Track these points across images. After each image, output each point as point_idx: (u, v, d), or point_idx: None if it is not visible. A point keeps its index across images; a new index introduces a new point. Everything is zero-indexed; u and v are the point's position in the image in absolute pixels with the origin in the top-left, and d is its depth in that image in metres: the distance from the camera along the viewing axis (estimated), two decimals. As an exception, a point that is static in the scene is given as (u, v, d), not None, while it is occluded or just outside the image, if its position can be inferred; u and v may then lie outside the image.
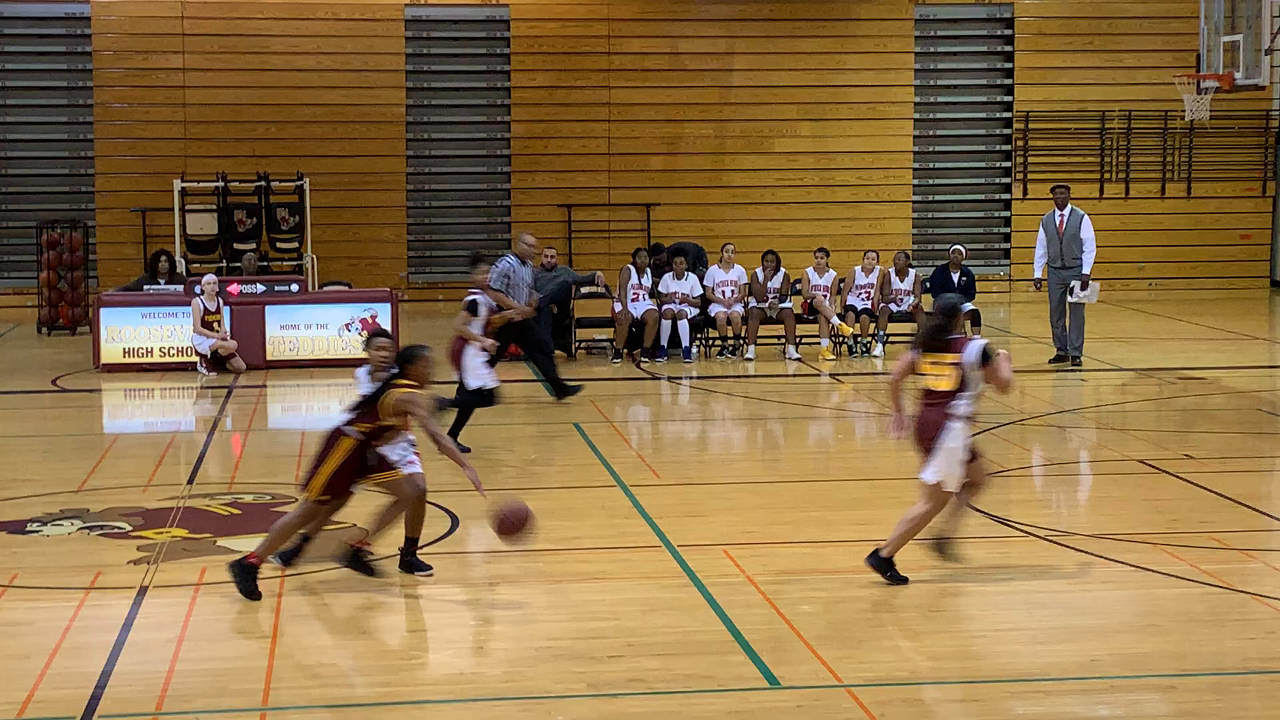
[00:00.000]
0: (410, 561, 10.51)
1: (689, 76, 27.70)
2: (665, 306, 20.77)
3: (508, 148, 27.72)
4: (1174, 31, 27.07)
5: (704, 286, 20.99)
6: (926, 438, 10.11)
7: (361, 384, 10.90)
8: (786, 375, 19.66)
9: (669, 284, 20.95)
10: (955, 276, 21.11)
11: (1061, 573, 10.67)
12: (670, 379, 19.56)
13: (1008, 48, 28.27)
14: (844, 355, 21.00)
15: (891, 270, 21.36)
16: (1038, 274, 20.07)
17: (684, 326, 20.72)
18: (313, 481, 10.17)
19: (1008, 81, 28.31)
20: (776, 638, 9.25)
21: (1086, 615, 9.88)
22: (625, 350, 20.70)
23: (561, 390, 17.44)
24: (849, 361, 20.65)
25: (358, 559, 10.36)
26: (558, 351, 20.26)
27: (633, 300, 20.78)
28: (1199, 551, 11.09)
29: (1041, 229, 20.26)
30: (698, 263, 21.83)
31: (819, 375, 19.71)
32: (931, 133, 28.43)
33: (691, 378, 19.60)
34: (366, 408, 10.18)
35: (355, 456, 10.12)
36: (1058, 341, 19.85)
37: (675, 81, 27.65)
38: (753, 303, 21.02)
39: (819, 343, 21.00)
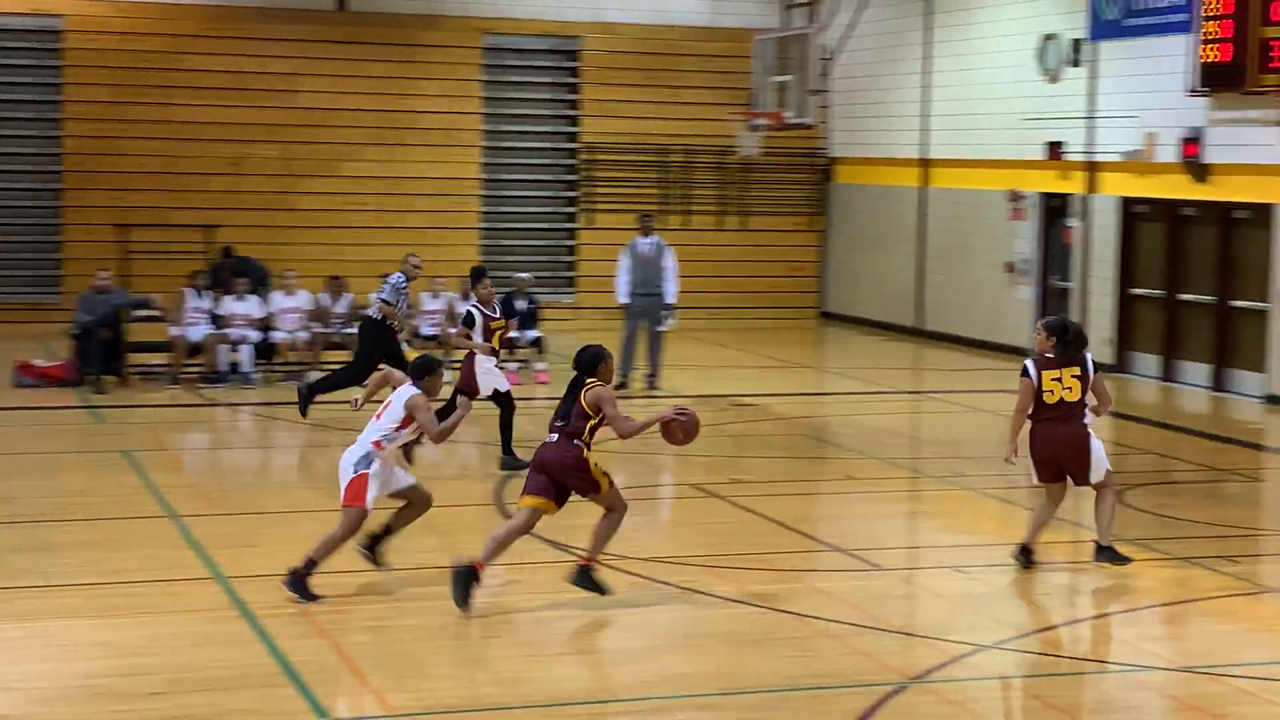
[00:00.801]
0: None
1: (254, 96, 27.15)
2: (225, 330, 20.25)
3: (60, 164, 26.60)
4: (730, 70, 28.04)
5: (268, 311, 20.56)
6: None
7: None
8: (350, 402, 19.38)
9: (230, 306, 20.44)
10: (521, 304, 21.30)
11: (615, 596, 10.84)
12: (230, 405, 19.08)
13: (573, 80, 28.78)
14: (409, 381, 20.88)
15: (457, 296, 21.40)
16: (623, 299, 20.52)
17: (246, 351, 20.25)
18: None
19: (573, 113, 28.81)
20: (329, 669, 9.10)
21: (637, 637, 10.07)
22: (183, 375, 20.08)
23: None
24: (414, 387, 20.55)
25: (587, 577, 10.59)
26: (109, 377, 19.54)
27: (191, 324, 20.18)
28: (745, 573, 11.47)
29: (626, 255, 20.72)
30: (260, 285, 21.38)
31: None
32: (500, 160, 28.65)
33: (253, 404, 19.16)
34: None
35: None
36: (622, 369, 20.26)
37: (239, 101, 27.06)
38: (317, 328, 20.72)
39: (384, 369, 20.82)
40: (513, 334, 21.10)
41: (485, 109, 28.30)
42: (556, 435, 10.62)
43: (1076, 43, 23.14)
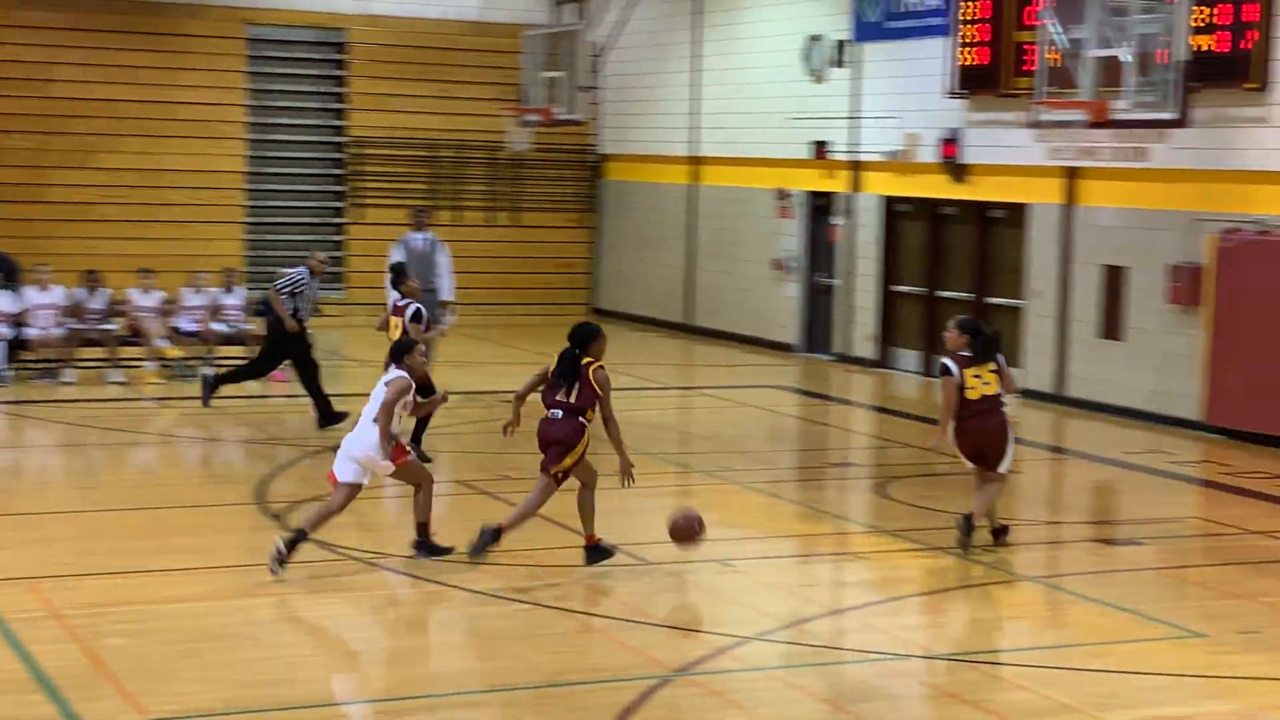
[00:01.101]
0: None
1: (7, 85, 26.26)
2: (-24, 327, 19.55)
3: None
4: (500, 65, 27.95)
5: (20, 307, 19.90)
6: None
7: None
8: (108, 400, 18.90)
9: (-20, 303, 19.73)
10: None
11: (377, 595, 10.72)
12: (-19, 404, 18.43)
13: (340, 72, 28.40)
14: (171, 379, 20.40)
15: (221, 291, 20.95)
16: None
17: (-2, 348, 19.58)
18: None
19: (340, 106, 28.43)
20: (80, 674, 8.82)
21: (400, 636, 9.96)
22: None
23: (328, 416, 17.01)
24: (176, 385, 20.09)
25: (596, 551, 11.38)
26: None
27: (-60, 320, 19.44)
28: (514, 569, 11.40)
29: (398, 250, 20.51)
30: (10, 280, 20.67)
31: (143, 400, 19.07)
32: (265, 154, 28.14)
33: (4, 402, 18.52)
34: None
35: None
36: None
37: (-8, 89, 26.19)
38: (73, 324, 20.11)
39: (144, 366, 20.33)
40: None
41: (249, 101, 27.77)
42: (561, 412, 11.28)
43: (840, 44, 23.56)
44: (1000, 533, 12.44)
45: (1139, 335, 18.99)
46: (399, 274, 15.92)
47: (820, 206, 24.57)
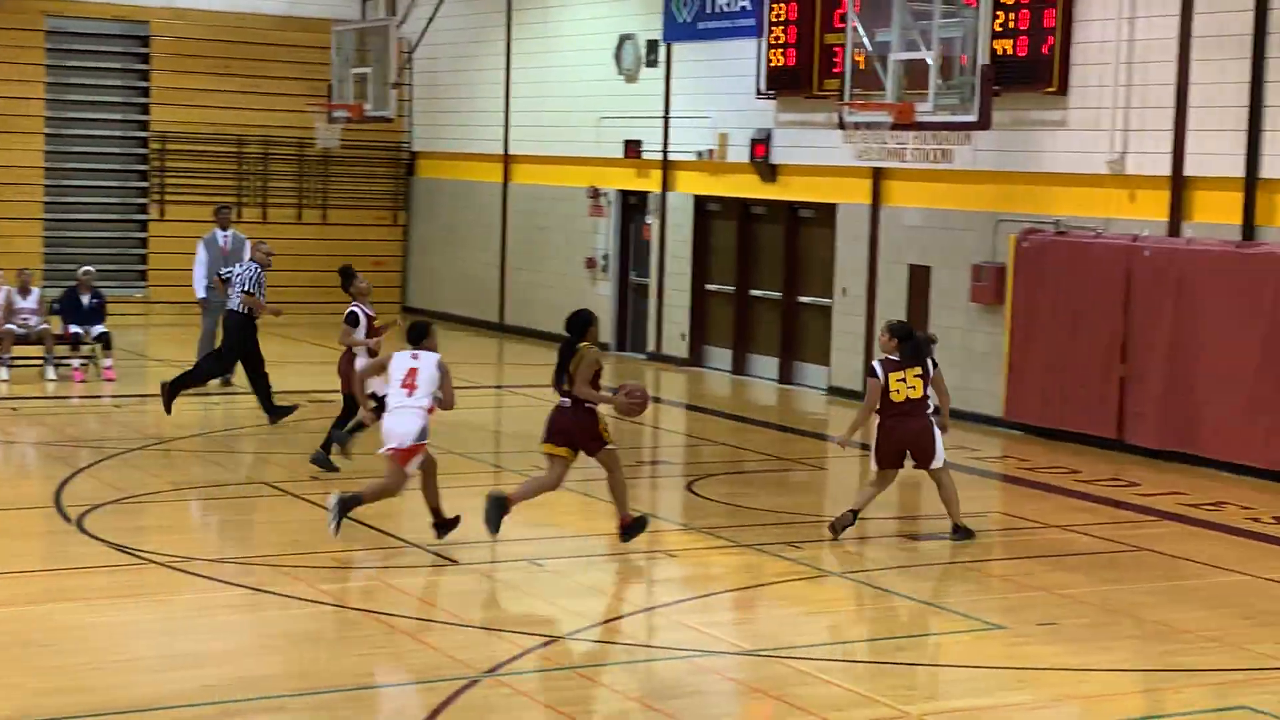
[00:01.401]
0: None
1: None
2: None
3: None
4: (308, 60, 27.60)
5: None
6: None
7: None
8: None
9: None
10: (85, 299, 20.44)
11: (181, 600, 10.52)
12: None
13: (144, 66, 27.82)
14: (-34, 379, 19.80)
15: (14, 290, 20.38)
16: (201, 294, 20.06)
17: None
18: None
19: (144, 100, 27.85)
20: None
21: (207, 640, 9.78)
22: None
23: (276, 412, 16.99)
24: (-29, 386, 19.51)
25: (634, 527, 12.22)
26: None
27: None
28: (320, 571, 11.28)
29: (203, 248, 20.17)
30: None
31: (-63, 400, 18.49)
32: (65, 149, 27.47)
33: None
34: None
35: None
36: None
37: None
38: None
39: (-62, 366, 19.69)
40: (75, 329, 20.28)
41: (49, 94, 27.09)
42: (570, 400, 11.97)
43: (652, 44, 23.67)
44: (961, 531, 12.82)
45: (944, 334, 19.30)
46: (348, 275, 15.78)
47: (633, 205, 24.67)
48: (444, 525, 12.20)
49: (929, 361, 12.72)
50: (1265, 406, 15.67)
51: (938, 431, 12.77)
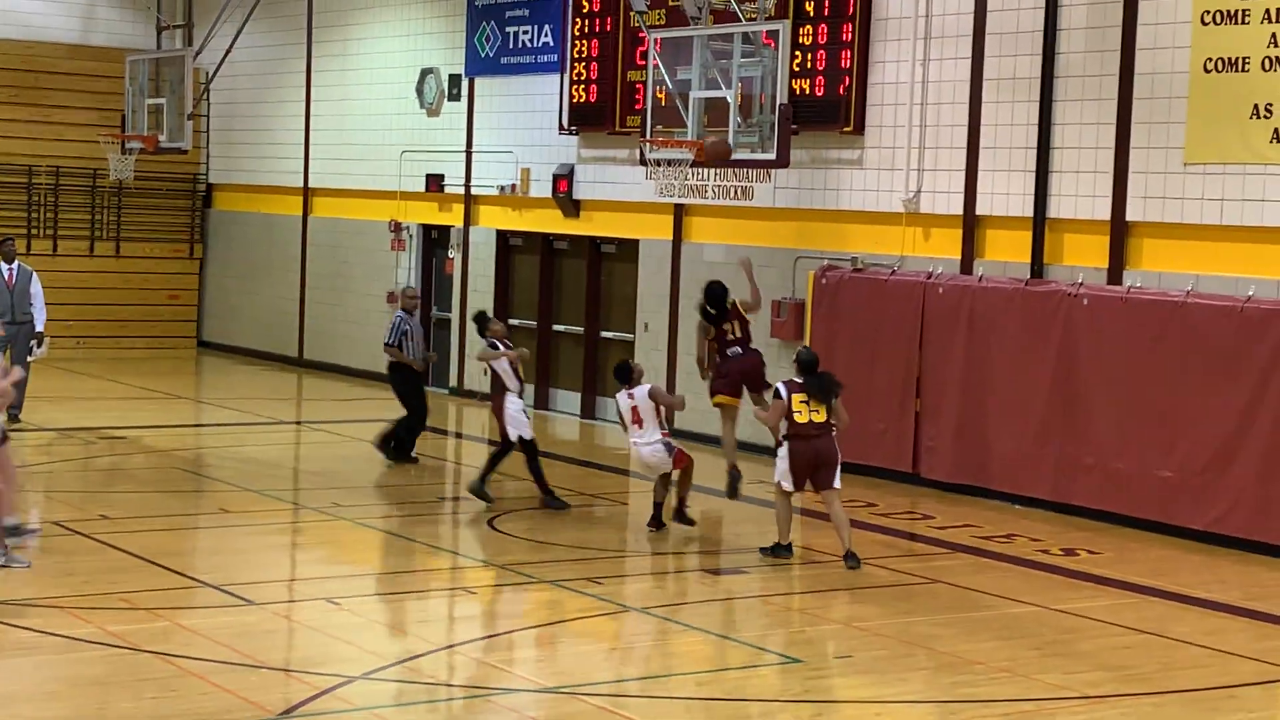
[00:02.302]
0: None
1: None
2: None
3: None
4: (101, 90, 26.98)
5: None
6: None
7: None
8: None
9: None
10: None
11: None
12: None
13: (-70, 93, 27.00)
14: None
15: None
16: None
17: None
18: None
19: (-70, 128, 27.03)
20: None
21: (-14, 687, 9.44)
22: None
23: (402, 453, 17.53)
24: None
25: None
26: None
27: None
28: (108, 613, 10.97)
29: None
30: None
31: None
32: None
33: None
34: None
35: None
36: None
37: None
38: None
39: None
40: None
41: None
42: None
43: (454, 78, 23.59)
44: (851, 558, 13.28)
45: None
46: (483, 321, 16.11)
47: (435, 240, 24.52)
48: (685, 519, 14.49)
49: (832, 401, 13.52)
50: (1053, 439, 16.05)
51: (839, 453, 13.55)
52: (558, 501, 15.42)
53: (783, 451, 13.47)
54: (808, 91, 18.28)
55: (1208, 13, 15.06)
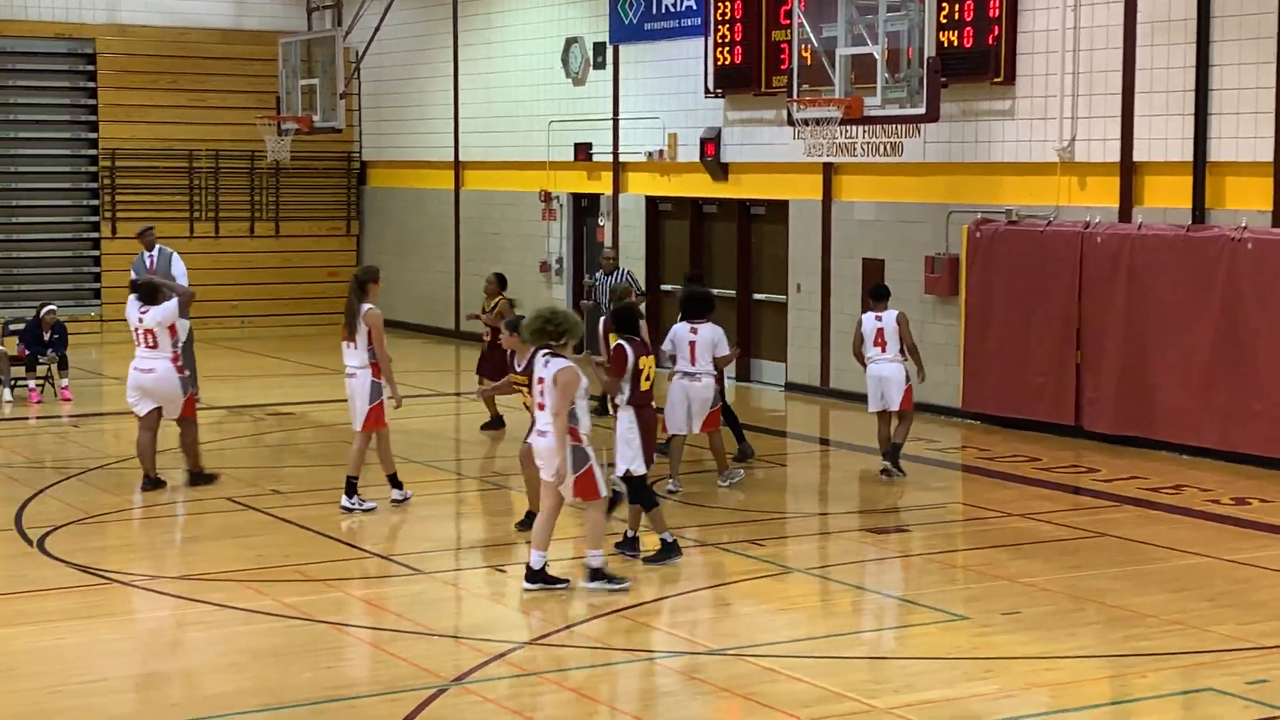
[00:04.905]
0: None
1: None
2: None
3: None
4: (256, 74, 27.49)
5: None
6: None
7: None
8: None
9: None
10: (47, 335, 20.23)
11: (147, 618, 10.46)
12: None
13: (90, 84, 27.65)
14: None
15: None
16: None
17: None
18: None
19: (92, 118, 27.68)
20: None
21: (170, 659, 9.73)
22: None
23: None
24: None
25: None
26: None
27: None
28: (284, 585, 11.23)
29: (132, 274, 20.02)
30: None
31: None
32: (14, 169, 27.30)
33: None
34: None
35: None
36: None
37: None
38: None
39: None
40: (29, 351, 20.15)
41: (-4, 115, 26.91)
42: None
43: (599, 46, 23.66)
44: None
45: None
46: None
47: (584, 208, 24.65)
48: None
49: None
50: (1219, 388, 15.77)
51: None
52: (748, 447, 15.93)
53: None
54: (956, 43, 18.07)
55: (1369, -56, 14.64)
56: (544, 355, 10.91)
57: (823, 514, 14.27)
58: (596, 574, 11.02)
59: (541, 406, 10.89)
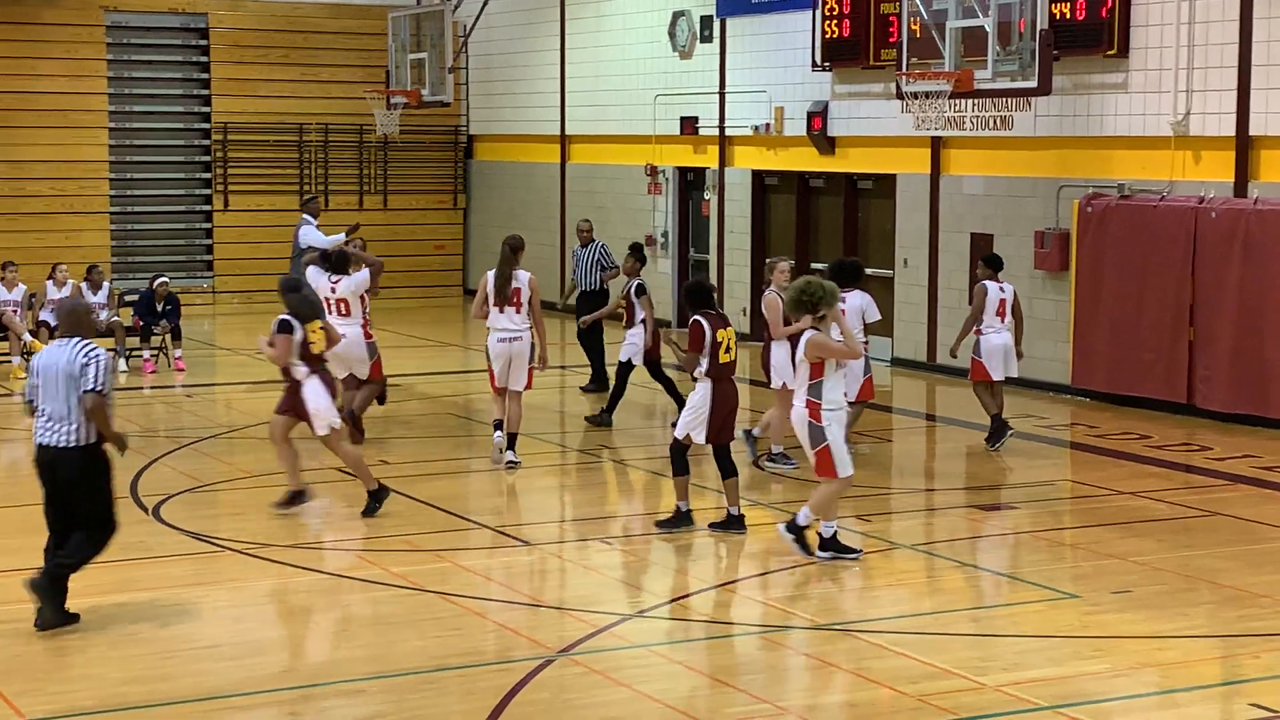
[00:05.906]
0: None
1: None
2: None
3: None
4: (365, 48, 27.71)
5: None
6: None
7: None
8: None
9: None
10: (160, 306, 20.56)
11: (258, 586, 10.62)
12: None
13: (203, 58, 27.98)
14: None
15: (85, 285, 20.60)
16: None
17: None
18: None
19: (205, 92, 28.02)
20: (-48, 679, 8.64)
21: (281, 626, 9.88)
22: None
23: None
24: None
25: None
26: None
27: None
28: (392, 555, 11.36)
29: (303, 240, 20.44)
30: None
31: (10, 395, 18.71)
32: (129, 142, 27.69)
33: None
34: None
35: None
36: None
37: None
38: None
39: (10, 360, 19.94)
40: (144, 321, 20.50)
41: (111, 89, 27.31)
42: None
43: (706, 19, 23.61)
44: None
45: (1007, 302, 19.21)
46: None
47: (690, 182, 24.63)
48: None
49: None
50: (1337, 366, 15.51)
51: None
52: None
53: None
54: (1068, 16, 17.85)
55: None
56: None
57: (929, 490, 14.20)
58: (828, 544, 11.16)
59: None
